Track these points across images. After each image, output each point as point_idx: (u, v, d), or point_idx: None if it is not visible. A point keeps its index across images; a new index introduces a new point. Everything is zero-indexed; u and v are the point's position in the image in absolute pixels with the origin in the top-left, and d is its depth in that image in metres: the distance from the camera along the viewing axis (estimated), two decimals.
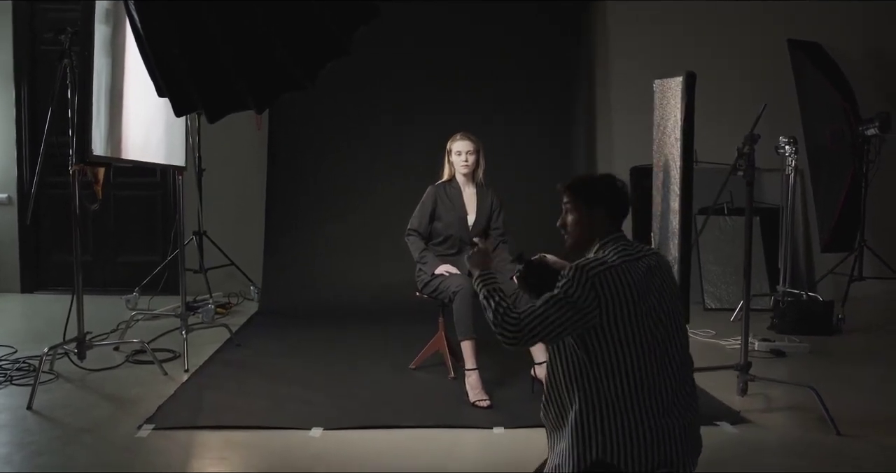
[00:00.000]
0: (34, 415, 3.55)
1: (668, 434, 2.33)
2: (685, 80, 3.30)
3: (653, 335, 2.35)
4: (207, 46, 2.28)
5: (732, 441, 3.28)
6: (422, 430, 3.40)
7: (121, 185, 6.43)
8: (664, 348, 2.37)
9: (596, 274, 2.30)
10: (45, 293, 6.43)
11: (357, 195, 6.17)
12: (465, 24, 6.23)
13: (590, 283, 2.30)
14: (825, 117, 5.87)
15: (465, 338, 3.80)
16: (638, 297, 2.33)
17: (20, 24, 6.34)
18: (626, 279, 2.33)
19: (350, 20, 2.43)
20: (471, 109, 6.07)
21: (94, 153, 3.75)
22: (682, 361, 2.42)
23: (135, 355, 4.46)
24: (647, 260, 2.43)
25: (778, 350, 4.71)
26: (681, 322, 2.45)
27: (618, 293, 2.31)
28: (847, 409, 3.58)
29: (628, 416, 2.32)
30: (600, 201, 2.50)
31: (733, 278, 5.88)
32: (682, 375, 2.41)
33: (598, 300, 2.29)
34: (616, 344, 2.32)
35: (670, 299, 2.43)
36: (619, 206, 2.52)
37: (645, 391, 2.32)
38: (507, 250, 4.14)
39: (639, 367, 2.33)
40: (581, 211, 2.51)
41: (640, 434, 2.32)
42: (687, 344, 2.46)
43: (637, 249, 2.46)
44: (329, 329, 5.22)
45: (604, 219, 2.49)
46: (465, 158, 4.06)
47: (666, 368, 2.36)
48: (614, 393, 2.33)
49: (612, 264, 2.35)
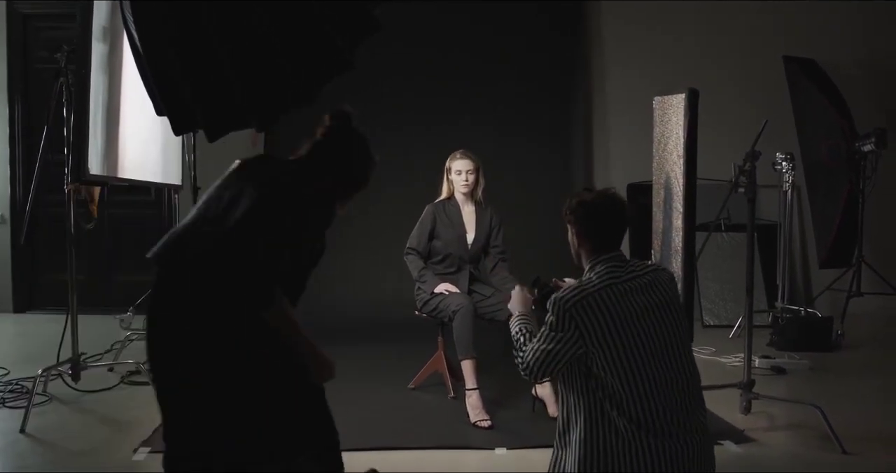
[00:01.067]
0: (28, 439, 3.49)
1: (670, 455, 2.30)
2: (688, 98, 3.30)
3: (647, 356, 2.32)
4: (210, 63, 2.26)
5: (737, 461, 3.24)
6: (422, 452, 3.36)
7: (116, 204, 6.38)
8: (662, 367, 2.33)
9: (573, 305, 2.33)
10: (39, 313, 6.36)
11: (356, 212, 6.11)
12: (463, 26, 6.22)
13: (567, 315, 2.33)
14: (822, 133, 5.89)
15: (465, 358, 3.77)
16: (622, 321, 2.32)
17: (14, 41, 6.31)
18: (606, 304, 2.33)
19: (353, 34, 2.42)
20: (467, 118, 6.07)
21: (90, 172, 3.72)
22: (685, 381, 2.38)
23: (130, 376, 4.39)
24: (639, 280, 2.40)
25: (778, 366, 4.68)
26: (682, 340, 2.41)
27: (597, 319, 2.32)
28: (850, 426, 3.55)
29: (627, 437, 2.30)
30: (573, 222, 2.50)
31: (731, 295, 5.87)
32: (685, 395, 2.37)
33: (579, 329, 2.33)
34: (609, 367, 2.32)
35: (670, 317, 2.39)
36: (593, 228, 2.46)
37: (644, 412, 2.30)
38: (506, 268, 4.11)
39: (634, 389, 2.30)
40: (568, 229, 2.54)
41: (641, 457, 2.29)
42: (690, 362, 2.42)
43: (629, 269, 2.43)
44: (327, 348, 5.13)
45: (583, 239, 2.48)
46: (466, 178, 4.04)
47: (665, 388, 2.33)
48: (615, 414, 2.32)
49: (590, 291, 2.35)
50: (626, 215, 2.51)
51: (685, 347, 2.43)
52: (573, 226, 2.51)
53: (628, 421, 2.30)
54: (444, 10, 6.15)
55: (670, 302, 2.43)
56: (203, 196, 2.29)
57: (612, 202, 2.49)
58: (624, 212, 2.51)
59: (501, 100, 6.26)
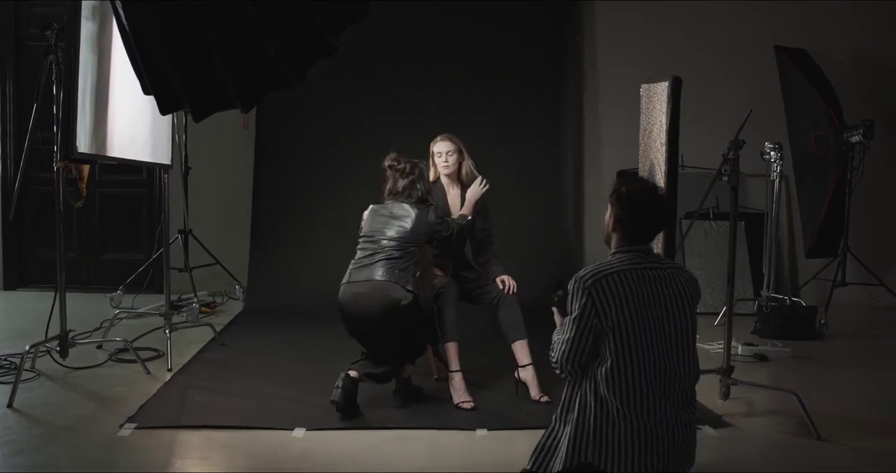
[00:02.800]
0: (15, 413, 3.53)
1: (655, 443, 2.37)
2: (671, 85, 3.32)
3: (653, 343, 2.40)
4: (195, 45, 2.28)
5: (714, 445, 3.29)
6: (405, 431, 3.40)
7: (106, 183, 6.39)
8: (666, 358, 2.41)
9: (591, 283, 2.41)
10: (28, 290, 6.38)
11: (344, 195, 6.15)
12: (455, 21, 6.23)
13: (585, 292, 2.41)
14: (810, 123, 5.91)
15: (449, 340, 3.80)
16: (635, 305, 2.39)
17: (5, 19, 6.29)
18: (622, 285, 2.41)
19: (339, 19, 2.43)
20: (460, 109, 6.09)
21: (78, 150, 3.73)
22: (684, 376, 2.45)
23: (118, 353, 4.43)
24: (658, 272, 2.47)
25: (761, 354, 4.73)
26: (689, 337, 2.48)
27: (613, 298, 2.39)
28: (828, 413, 3.61)
29: (618, 420, 2.38)
30: (615, 206, 2.55)
31: (718, 282, 5.92)
32: (680, 389, 2.45)
33: (595, 306, 2.40)
34: (616, 348, 2.39)
35: (682, 312, 2.46)
36: (631, 220, 2.52)
37: (638, 398, 2.37)
38: (492, 251, 4.13)
39: (634, 372, 2.38)
40: (607, 209, 2.60)
41: (627, 439, 2.37)
42: (691, 357, 2.49)
43: (651, 260, 2.50)
44: (313, 329, 5.20)
45: (618, 225, 2.54)
46: (446, 159, 4.06)
47: (664, 379, 2.41)
48: (610, 395, 2.39)
49: (608, 271, 2.43)
50: (666, 213, 2.63)
51: (691, 345, 2.49)
52: (613, 210, 2.57)
53: (621, 404, 2.38)
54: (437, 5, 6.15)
55: (685, 298, 2.49)
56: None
57: (655, 200, 2.56)
58: (664, 210, 2.60)
59: (494, 90, 6.28)
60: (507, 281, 3.95)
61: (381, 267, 3.59)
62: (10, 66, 6.29)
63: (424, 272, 3.67)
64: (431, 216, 3.75)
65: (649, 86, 3.65)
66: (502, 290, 3.92)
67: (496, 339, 4.04)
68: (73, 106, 3.65)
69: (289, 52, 2.38)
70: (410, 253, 3.63)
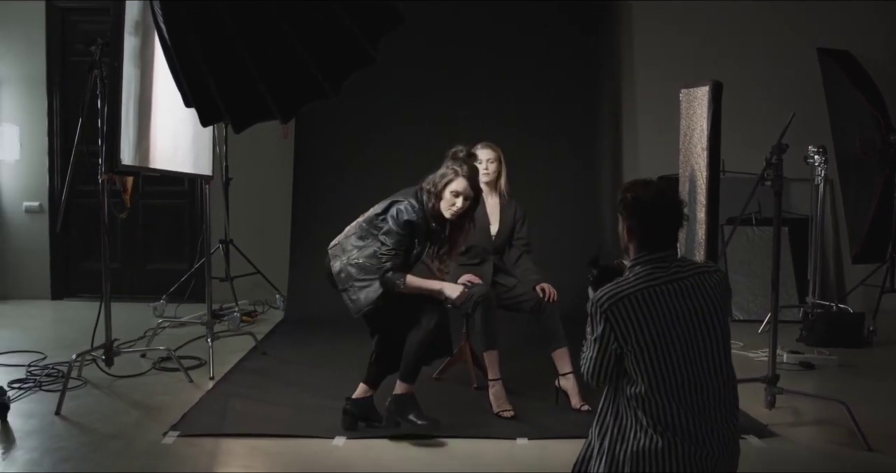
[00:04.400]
0: (62, 421, 3.60)
1: (692, 461, 2.30)
2: (711, 90, 3.28)
3: (681, 361, 2.30)
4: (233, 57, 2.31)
5: (759, 455, 3.23)
6: (445, 440, 3.39)
7: (149, 194, 6.50)
8: (696, 374, 2.31)
9: (608, 308, 2.32)
10: (75, 300, 6.51)
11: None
12: (488, 22, 6.22)
13: (602, 316, 2.33)
14: (855, 126, 5.79)
15: (488, 349, 3.79)
16: (656, 325, 2.29)
17: (52, 36, 6.45)
18: (640, 307, 2.30)
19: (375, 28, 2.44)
20: (494, 114, 6.08)
21: (122, 162, 3.80)
22: (719, 388, 2.34)
23: (161, 362, 4.50)
24: (682, 283, 2.34)
25: (807, 362, 4.63)
26: (723, 346, 2.36)
27: (630, 322, 2.30)
28: (877, 423, 3.51)
29: (653, 438, 2.31)
30: (625, 216, 2.42)
31: (761, 289, 5.81)
32: (717, 402, 2.34)
33: (613, 331, 2.32)
34: (641, 369, 2.32)
35: (712, 322, 2.34)
36: (644, 227, 2.38)
37: (670, 416, 2.30)
38: (529, 260, 4.12)
39: (663, 393, 2.30)
40: (619, 220, 2.47)
41: (661, 458, 2.30)
42: (729, 369, 2.38)
43: (673, 271, 2.36)
44: (353, 338, 5.18)
45: (633, 235, 2.41)
46: (486, 167, 4.05)
47: (696, 395, 2.31)
48: (640, 413, 2.33)
49: (625, 292, 2.32)
50: (682, 215, 2.45)
51: (725, 354, 2.38)
52: (625, 221, 2.44)
53: (654, 422, 2.31)
54: (469, 7, 6.15)
55: (715, 307, 2.36)
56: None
57: (666, 201, 2.41)
58: (679, 211, 2.44)
59: (528, 96, 6.25)
60: (546, 289, 3.92)
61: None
62: (56, 82, 6.45)
63: (371, 266, 3.44)
64: (393, 225, 3.41)
65: (689, 91, 3.61)
66: (542, 298, 3.89)
67: (535, 347, 4.01)
68: (116, 119, 3.73)
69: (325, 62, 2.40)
70: (370, 237, 3.47)
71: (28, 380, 4.13)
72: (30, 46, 6.40)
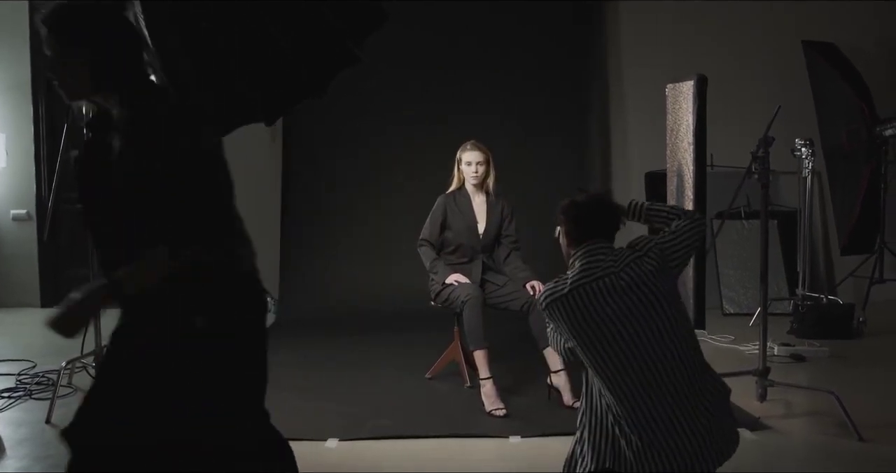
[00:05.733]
0: (53, 429, 3.57)
1: (665, 455, 2.30)
2: (696, 84, 3.28)
3: (628, 358, 2.31)
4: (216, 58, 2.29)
5: (752, 448, 3.23)
6: (438, 440, 3.40)
7: None
8: (648, 368, 2.31)
9: (546, 307, 2.42)
10: None
11: (372, 204, 6.18)
12: (476, 17, 6.21)
13: (547, 312, 2.43)
14: (842, 118, 5.81)
15: (477, 348, 3.80)
16: (595, 325, 2.33)
17: (37, 42, 6.40)
18: (575, 307, 2.35)
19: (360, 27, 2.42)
20: (482, 109, 6.07)
21: None
22: (678, 376, 2.33)
23: None
24: (617, 279, 2.34)
25: (798, 354, 4.65)
26: (674, 334, 2.35)
27: (569, 321, 2.36)
28: (869, 414, 3.53)
29: (622, 436, 2.33)
30: (563, 221, 2.55)
31: (751, 282, 5.83)
32: (679, 391, 2.32)
33: (559, 328, 2.44)
34: (593, 366, 2.37)
35: (657, 312, 2.33)
36: (575, 220, 2.51)
37: (630, 412, 2.31)
38: (519, 257, 4.12)
39: (618, 390, 2.32)
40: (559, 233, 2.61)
41: (636, 455, 2.31)
42: (685, 355, 2.35)
43: (606, 265, 2.37)
44: (345, 339, 5.22)
45: (569, 236, 2.53)
46: (475, 169, 4.06)
47: (652, 389, 2.30)
48: (608, 410, 2.38)
49: (559, 294, 2.37)
50: (615, 212, 2.53)
51: (682, 341, 2.36)
52: (563, 227, 2.54)
53: (626, 418, 2.32)
54: (458, 6, 6.14)
55: (655, 294, 2.35)
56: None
57: (601, 202, 2.54)
58: (614, 213, 2.53)
59: (516, 91, 6.25)
60: (536, 286, 3.92)
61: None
62: (41, 88, 6.40)
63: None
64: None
65: (674, 86, 3.61)
66: (532, 296, 3.90)
67: (526, 345, 4.02)
68: None
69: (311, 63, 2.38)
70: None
71: (18, 389, 4.11)
72: (14, 53, 6.35)
